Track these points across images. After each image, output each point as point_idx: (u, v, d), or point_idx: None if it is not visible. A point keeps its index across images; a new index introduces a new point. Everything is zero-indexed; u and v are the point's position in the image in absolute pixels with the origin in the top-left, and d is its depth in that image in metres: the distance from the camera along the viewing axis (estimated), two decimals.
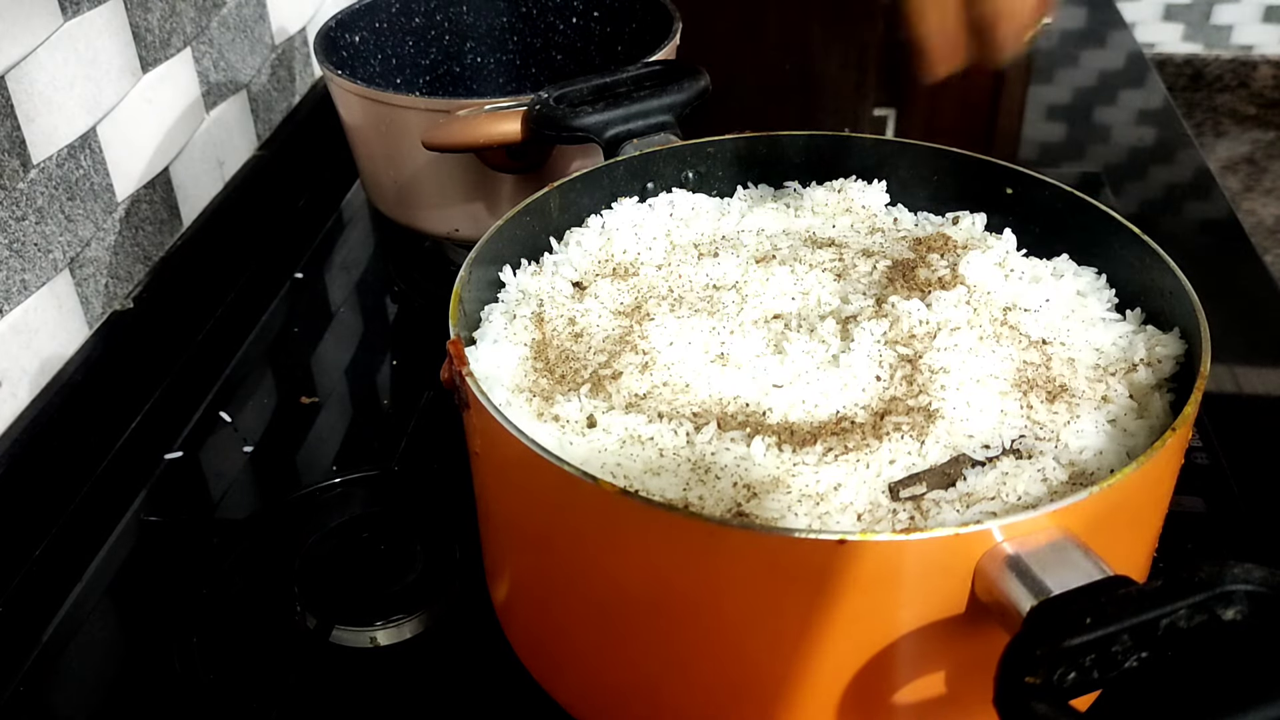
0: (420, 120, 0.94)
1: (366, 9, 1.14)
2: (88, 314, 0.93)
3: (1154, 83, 1.51)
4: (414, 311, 1.11)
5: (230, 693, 0.71)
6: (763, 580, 0.50)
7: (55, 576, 0.82)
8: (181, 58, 1.05)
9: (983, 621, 0.49)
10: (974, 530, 0.48)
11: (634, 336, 0.65)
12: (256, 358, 1.05)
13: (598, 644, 0.59)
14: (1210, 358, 0.57)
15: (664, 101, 0.81)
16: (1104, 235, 0.68)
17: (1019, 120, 1.47)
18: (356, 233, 1.24)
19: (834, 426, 0.57)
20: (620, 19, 1.18)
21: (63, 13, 0.88)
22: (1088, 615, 0.43)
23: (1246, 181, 3.03)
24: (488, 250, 0.68)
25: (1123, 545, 0.55)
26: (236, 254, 1.14)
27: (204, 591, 0.78)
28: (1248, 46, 3.30)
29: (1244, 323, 1.02)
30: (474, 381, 0.56)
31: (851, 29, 1.75)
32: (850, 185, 0.78)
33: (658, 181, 0.78)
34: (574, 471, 0.51)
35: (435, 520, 0.81)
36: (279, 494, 0.87)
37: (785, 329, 0.64)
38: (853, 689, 0.52)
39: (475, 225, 1.02)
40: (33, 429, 0.83)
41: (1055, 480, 0.55)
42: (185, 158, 1.07)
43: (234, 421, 0.96)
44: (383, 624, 0.74)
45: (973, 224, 0.74)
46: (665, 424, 0.58)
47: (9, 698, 0.73)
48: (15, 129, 0.82)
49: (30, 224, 0.84)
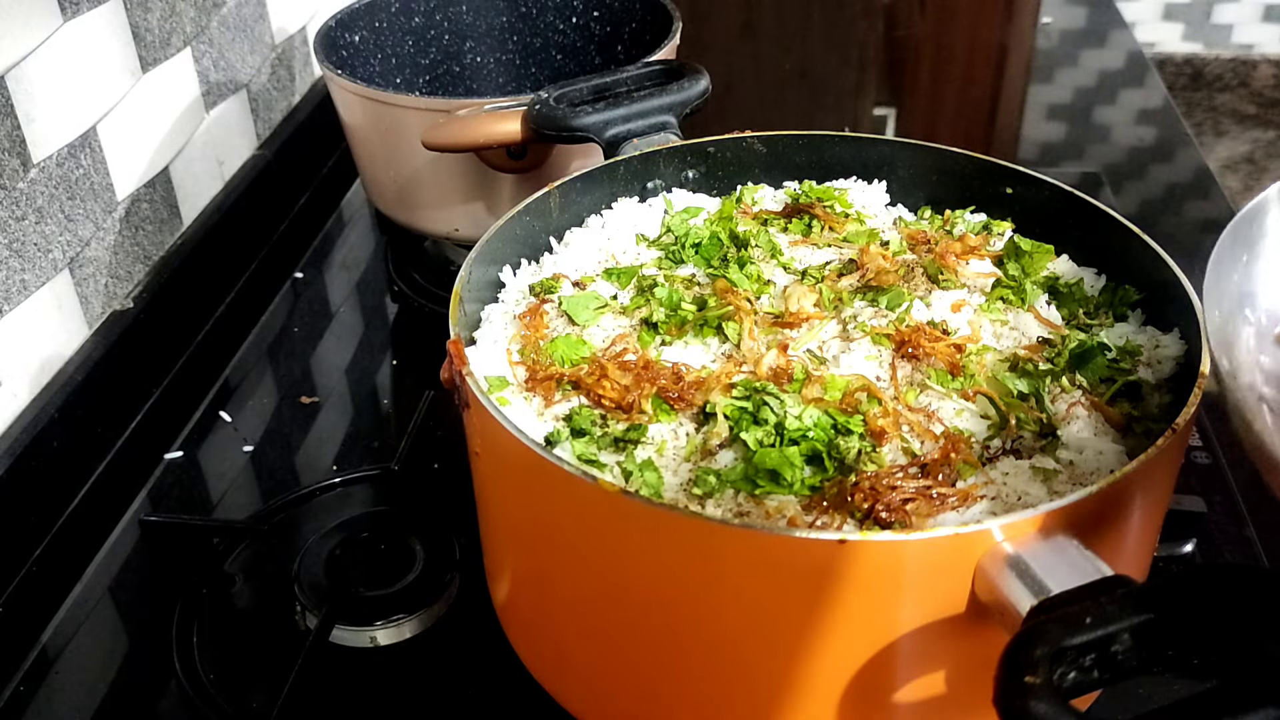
0: (420, 120, 0.94)
1: (366, 9, 1.14)
2: (87, 314, 0.93)
3: (1154, 82, 1.51)
4: (414, 311, 1.11)
5: (230, 693, 0.71)
6: (763, 580, 0.50)
7: (55, 576, 0.82)
8: (181, 57, 1.05)
9: (983, 621, 0.49)
10: (974, 530, 0.48)
11: (633, 338, 0.65)
12: (256, 358, 1.05)
13: (598, 644, 0.59)
14: (1210, 358, 0.57)
15: (664, 101, 0.81)
16: (1104, 235, 0.68)
17: (1019, 120, 1.47)
18: (356, 233, 1.24)
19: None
20: (620, 19, 1.18)
21: (63, 13, 0.88)
22: (1088, 615, 0.43)
23: (1246, 181, 3.03)
24: (488, 250, 0.68)
25: (1123, 545, 0.55)
26: (236, 254, 1.14)
27: (204, 591, 0.78)
28: (1248, 46, 3.30)
29: None
30: (474, 381, 0.56)
31: (851, 28, 1.75)
32: (850, 185, 0.78)
33: (658, 181, 0.78)
34: (574, 471, 0.51)
35: (435, 520, 0.81)
36: (279, 494, 0.87)
37: (787, 330, 0.64)
38: (853, 688, 0.52)
39: (475, 225, 1.02)
40: (33, 429, 0.83)
41: (1055, 480, 0.55)
42: (185, 157, 1.07)
43: (234, 421, 0.96)
44: (383, 624, 0.74)
45: (973, 224, 0.74)
46: (666, 424, 0.58)
47: (9, 698, 0.73)
48: (15, 129, 0.82)
49: (30, 224, 0.84)
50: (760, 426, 0.57)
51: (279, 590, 0.78)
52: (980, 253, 0.69)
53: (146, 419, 0.96)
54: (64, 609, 0.79)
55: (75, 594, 0.80)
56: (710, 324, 0.65)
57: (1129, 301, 0.66)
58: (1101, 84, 1.53)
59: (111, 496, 0.89)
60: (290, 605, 0.76)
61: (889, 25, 1.75)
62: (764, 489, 0.54)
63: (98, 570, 0.82)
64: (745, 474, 0.54)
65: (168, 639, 0.75)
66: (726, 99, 1.47)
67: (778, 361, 0.61)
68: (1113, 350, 0.62)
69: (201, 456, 0.93)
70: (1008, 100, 1.54)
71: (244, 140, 1.19)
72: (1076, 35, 1.66)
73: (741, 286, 0.67)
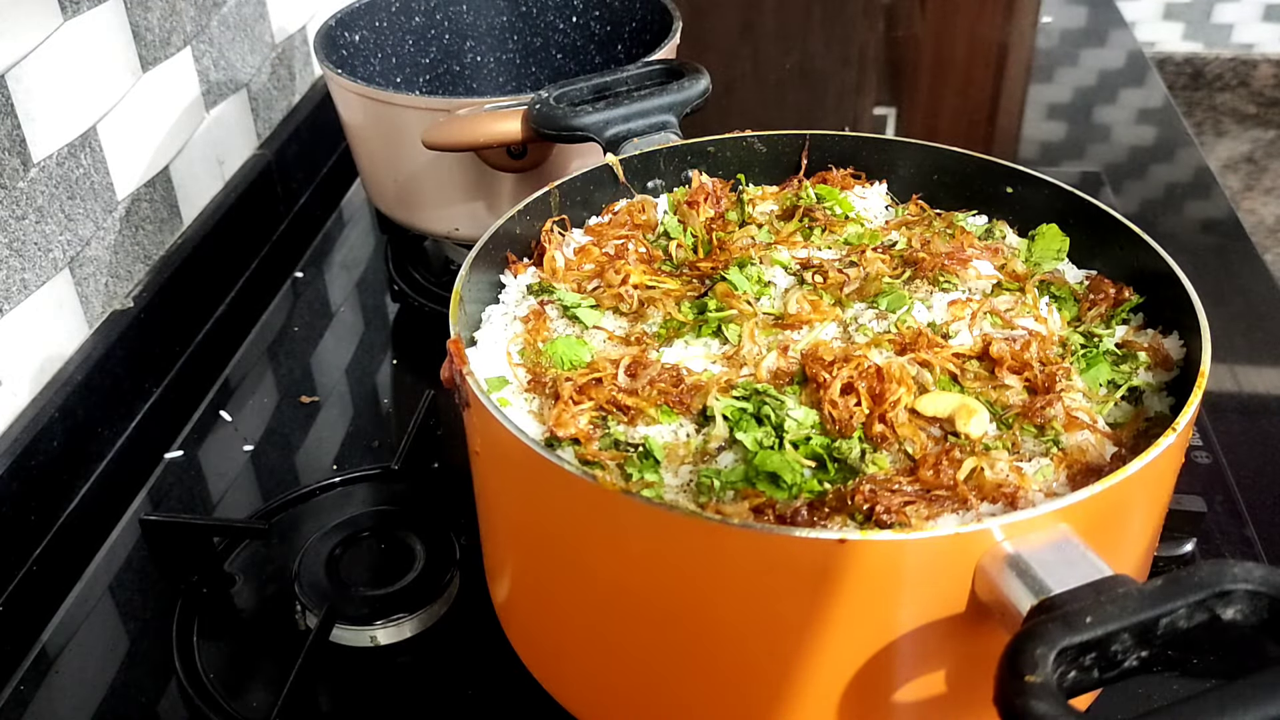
0: (420, 119, 0.94)
1: (366, 8, 1.14)
2: (88, 313, 0.93)
3: (1154, 82, 1.51)
4: (414, 311, 1.11)
5: (230, 692, 0.71)
6: (763, 580, 0.50)
7: (55, 576, 0.82)
8: (181, 57, 1.05)
9: (983, 621, 0.49)
10: (974, 529, 0.48)
11: (633, 338, 0.65)
12: (256, 357, 1.05)
13: (598, 644, 0.59)
14: (1210, 358, 0.57)
15: (664, 101, 0.81)
16: (1104, 235, 0.68)
17: (1019, 120, 1.47)
18: (356, 232, 1.24)
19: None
20: (620, 18, 1.18)
21: (63, 12, 0.88)
22: (1088, 614, 0.43)
23: (1247, 181, 3.03)
24: (488, 250, 0.68)
25: (1123, 544, 0.55)
26: (236, 254, 1.14)
27: (204, 591, 0.78)
28: (1248, 45, 3.29)
29: (1244, 323, 1.02)
30: (474, 381, 0.56)
31: (851, 28, 1.75)
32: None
33: (658, 181, 0.78)
34: (574, 471, 0.51)
35: (435, 520, 0.81)
36: (279, 493, 0.87)
37: (788, 332, 0.64)
38: (853, 688, 0.52)
39: (475, 225, 1.02)
40: (33, 428, 0.83)
41: (1055, 480, 0.55)
42: (185, 157, 1.07)
43: (234, 421, 0.96)
44: (383, 624, 0.74)
45: (972, 224, 0.74)
46: (666, 425, 0.58)
47: (9, 698, 0.73)
48: (15, 128, 0.82)
49: (30, 223, 0.84)
50: (760, 427, 0.57)
51: (279, 590, 0.78)
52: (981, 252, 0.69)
53: (146, 418, 0.96)
54: (64, 609, 0.79)
55: (75, 593, 0.80)
56: (710, 324, 0.65)
57: (1131, 307, 0.66)
58: (1102, 83, 1.53)
59: (111, 496, 0.89)
60: (290, 605, 0.76)
61: (889, 25, 1.75)
62: (765, 492, 0.54)
63: (98, 570, 0.83)
64: (746, 475, 0.54)
65: (168, 639, 0.75)
66: (726, 99, 1.47)
67: (778, 363, 0.61)
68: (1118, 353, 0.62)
69: (201, 456, 0.93)
70: (1008, 100, 1.54)
71: (244, 140, 1.19)
72: (1076, 35, 1.66)
73: (741, 289, 0.67)
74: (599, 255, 0.71)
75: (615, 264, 0.69)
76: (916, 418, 0.58)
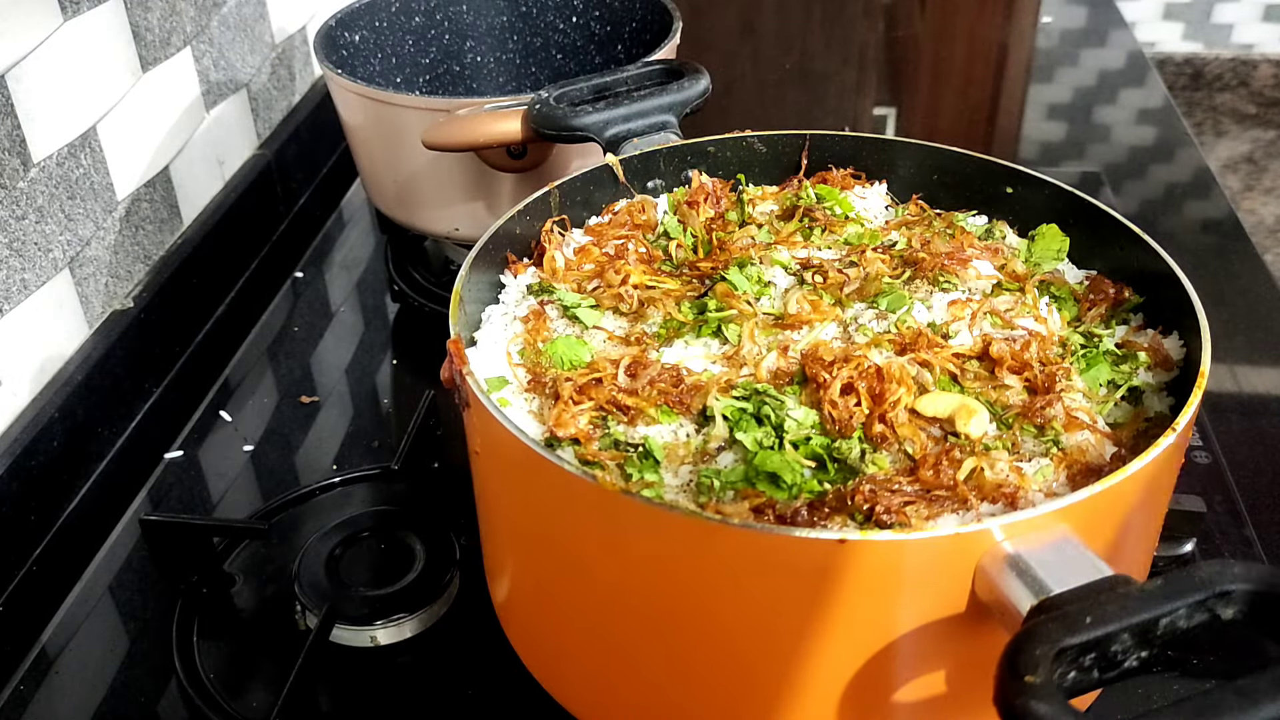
0: (420, 119, 0.94)
1: (366, 8, 1.14)
2: (88, 313, 0.93)
3: (1154, 82, 1.51)
4: (414, 311, 1.11)
5: (230, 692, 0.71)
6: (763, 580, 0.50)
7: (55, 576, 0.82)
8: (181, 57, 1.05)
9: (983, 621, 0.49)
10: (974, 530, 0.48)
11: (633, 338, 0.65)
12: (256, 357, 1.05)
13: (598, 644, 0.59)
14: (1210, 358, 0.57)
15: (664, 101, 0.81)
16: (1104, 235, 0.68)
17: (1019, 120, 1.47)
18: (356, 232, 1.24)
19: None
20: (620, 18, 1.18)
21: (63, 13, 0.88)
22: (1088, 614, 0.43)
23: (1247, 181, 3.03)
24: (488, 250, 0.68)
25: (1123, 544, 0.54)
26: (236, 254, 1.14)
27: (204, 591, 0.78)
28: (1248, 45, 3.30)
29: (1244, 323, 1.02)
30: (474, 381, 0.56)
31: (851, 28, 1.75)
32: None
33: (658, 181, 0.78)
34: (574, 471, 0.51)
35: (435, 520, 0.81)
36: (279, 493, 0.87)
37: (787, 332, 0.64)
38: (853, 688, 0.52)
39: (475, 225, 1.02)
40: (33, 428, 0.83)
41: (1055, 480, 0.55)
42: (185, 157, 1.07)
43: (234, 421, 0.96)
44: (383, 624, 0.74)
45: (972, 224, 0.74)
46: (666, 425, 0.58)
47: (9, 698, 0.73)
48: (15, 128, 0.82)
49: (30, 223, 0.84)
50: (760, 427, 0.57)
51: (279, 590, 0.78)
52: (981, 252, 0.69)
53: (146, 418, 0.96)
54: (64, 609, 0.79)
55: (75, 593, 0.80)
56: (710, 325, 0.65)
57: (1131, 307, 0.66)
58: (1101, 84, 1.53)
59: (111, 496, 0.89)
60: (290, 605, 0.76)
61: (889, 25, 1.75)
62: (765, 492, 0.54)
63: (98, 570, 0.82)
64: (746, 475, 0.54)
65: (168, 639, 0.75)
66: (726, 99, 1.47)
67: (778, 364, 0.61)
68: (1118, 353, 0.62)
69: (201, 456, 0.93)
70: (1008, 100, 1.54)
71: (244, 140, 1.19)
72: (1076, 35, 1.66)
73: (741, 289, 0.67)
74: (599, 255, 0.71)
75: (615, 264, 0.69)
76: (916, 418, 0.58)
